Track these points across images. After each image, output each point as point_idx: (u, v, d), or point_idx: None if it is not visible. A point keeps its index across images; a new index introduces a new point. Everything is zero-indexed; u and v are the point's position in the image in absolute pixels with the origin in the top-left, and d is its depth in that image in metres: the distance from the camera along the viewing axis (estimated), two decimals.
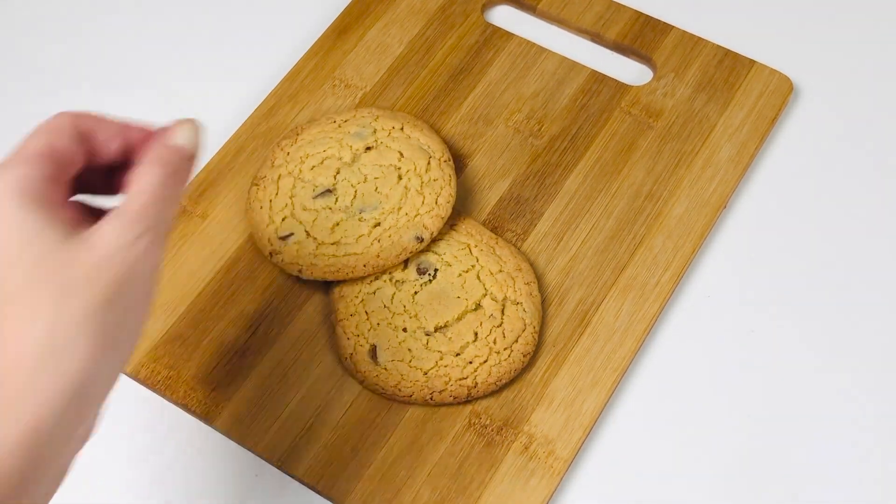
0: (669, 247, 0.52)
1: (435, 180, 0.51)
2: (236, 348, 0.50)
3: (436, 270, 0.50)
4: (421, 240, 0.50)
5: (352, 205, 0.51)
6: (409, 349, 0.48)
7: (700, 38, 0.59)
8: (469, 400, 0.48)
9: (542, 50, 0.59)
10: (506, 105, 0.57)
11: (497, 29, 0.60)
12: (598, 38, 0.60)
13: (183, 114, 0.36)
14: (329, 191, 0.51)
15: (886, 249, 0.53)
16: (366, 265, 0.49)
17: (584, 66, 0.58)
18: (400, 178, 0.51)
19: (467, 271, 0.50)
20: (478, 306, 0.49)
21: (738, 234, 0.54)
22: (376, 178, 0.51)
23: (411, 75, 0.58)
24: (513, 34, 0.60)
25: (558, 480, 0.46)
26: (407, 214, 0.50)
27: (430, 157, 0.52)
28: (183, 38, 0.62)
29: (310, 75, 0.58)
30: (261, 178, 0.53)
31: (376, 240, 0.49)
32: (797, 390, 0.50)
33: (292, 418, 0.48)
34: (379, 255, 0.49)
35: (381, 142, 0.53)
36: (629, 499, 0.47)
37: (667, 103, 0.57)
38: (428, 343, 0.48)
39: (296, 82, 0.58)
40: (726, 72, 0.58)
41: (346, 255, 0.49)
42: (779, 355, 0.50)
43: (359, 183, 0.51)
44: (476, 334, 0.48)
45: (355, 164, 0.52)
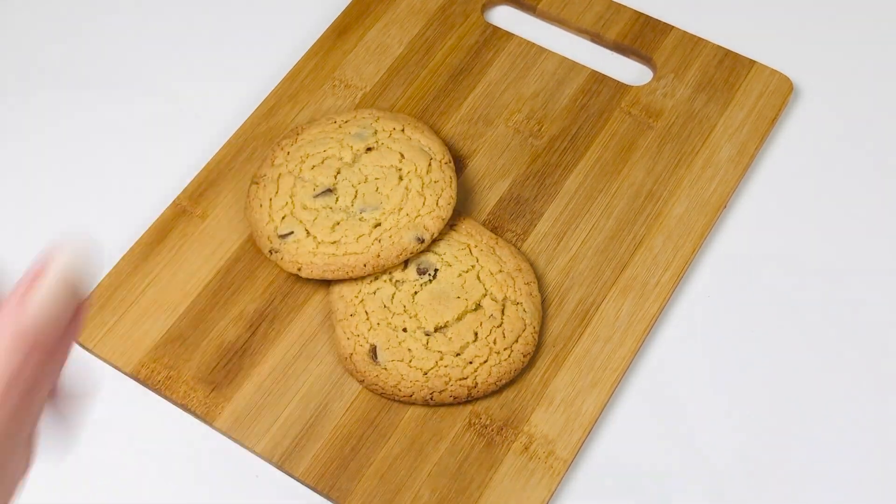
0: (669, 247, 0.52)
1: (436, 182, 0.51)
2: (236, 348, 0.50)
3: (436, 270, 0.50)
4: (421, 241, 0.50)
5: (352, 205, 0.51)
6: (409, 349, 0.48)
7: (700, 39, 0.59)
8: (469, 400, 0.48)
9: (542, 50, 0.59)
10: (506, 105, 0.57)
11: (497, 29, 0.60)
12: (598, 39, 0.60)
13: (183, 114, 0.34)
14: (329, 190, 0.51)
15: (886, 249, 0.53)
16: (366, 265, 0.49)
17: (584, 67, 0.58)
18: (401, 179, 0.51)
19: (467, 271, 0.50)
20: (478, 306, 0.49)
21: (738, 234, 0.54)
22: (377, 178, 0.51)
23: (411, 75, 0.58)
24: (513, 34, 0.60)
25: (558, 480, 0.46)
26: (408, 215, 0.50)
27: (431, 158, 0.52)
28: (183, 38, 0.62)
29: (310, 75, 0.58)
30: (261, 176, 0.53)
31: (377, 240, 0.49)
32: (797, 390, 0.50)
33: (292, 418, 0.48)
34: (379, 256, 0.49)
35: (381, 143, 0.53)
36: (629, 499, 0.47)
37: (667, 103, 0.57)
38: (428, 343, 0.48)
39: (296, 82, 0.58)
40: (726, 72, 0.58)
41: (346, 254, 0.49)
42: (779, 355, 0.50)
43: (359, 183, 0.51)
44: (476, 334, 0.48)
45: (356, 164, 0.52)
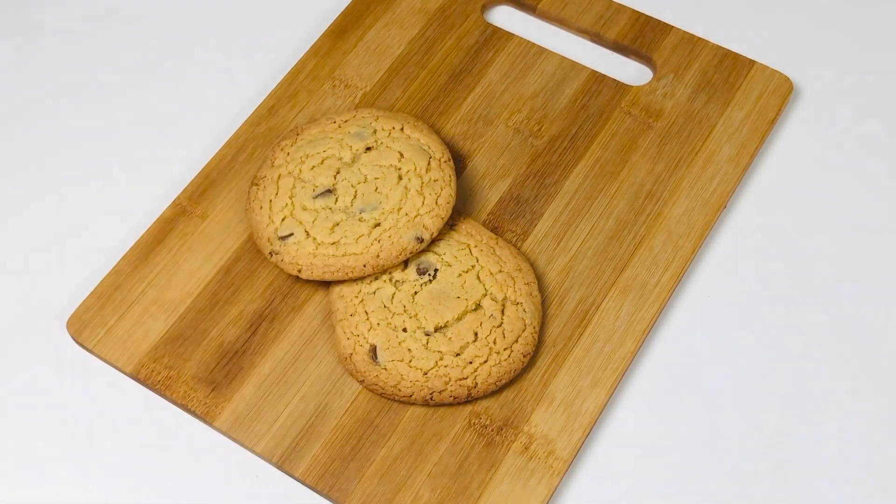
0: (669, 247, 0.52)
1: (435, 181, 0.51)
2: (236, 348, 0.50)
3: (436, 270, 0.50)
4: (421, 240, 0.50)
5: (352, 205, 0.51)
6: (409, 349, 0.48)
7: (700, 39, 0.59)
8: (469, 400, 0.48)
9: (542, 50, 0.59)
10: (506, 105, 0.57)
11: (497, 29, 0.60)
12: (598, 39, 0.60)
13: (183, 114, 0.34)
14: (329, 191, 0.51)
15: (886, 249, 0.53)
16: (365, 265, 0.49)
17: (584, 66, 0.58)
18: (400, 178, 0.51)
19: (467, 271, 0.50)
20: (478, 306, 0.49)
21: (738, 234, 0.54)
22: (376, 178, 0.51)
23: (411, 75, 0.58)
24: (513, 34, 0.60)
25: (558, 480, 0.46)
26: (407, 215, 0.50)
27: (431, 157, 0.52)
28: (183, 38, 0.62)
29: (310, 75, 0.58)
30: (260, 177, 0.53)
31: (376, 240, 0.49)
32: (797, 390, 0.50)
33: (292, 418, 0.48)
34: (379, 256, 0.49)
35: (381, 142, 0.53)
36: (629, 499, 0.47)
37: (667, 103, 0.57)
38: (428, 343, 0.48)
39: (296, 82, 0.58)
40: (726, 72, 0.58)
41: (346, 255, 0.49)
42: (779, 355, 0.50)
43: (359, 183, 0.51)
44: (476, 334, 0.48)
45: (355, 164, 0.52)
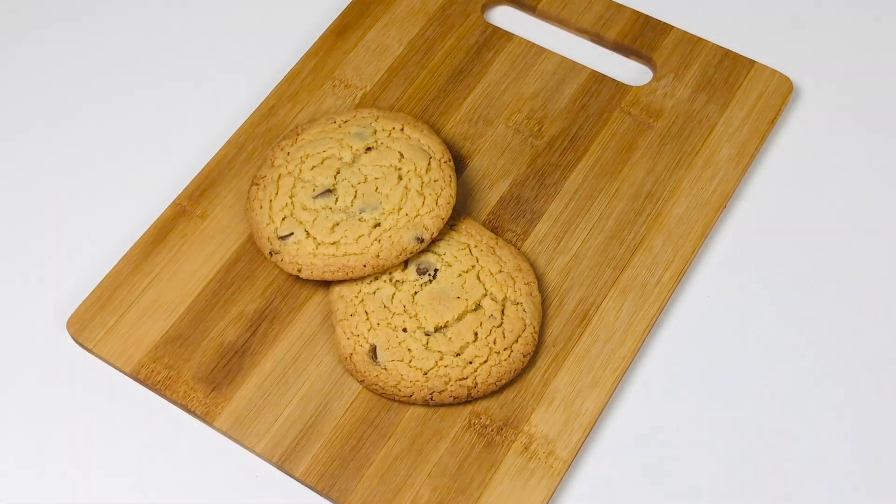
0: (669, 247, 0.52)
1: (435, 181, 0.51)
2: (236, 348, 0.50)
3: (436, 270, 0.50)
4: (421, 240, 0.50)
5: (352, 205, 0.51)
6: (409, 349, 0.48)
7: (700, 38, 0.59)
8: (469, 400, 0.48)
9: (542, 50, 0.59)
10: (506, 105, 0.57)
11: (497, 29, 0.60)
12: (598, 39, 0.60)
13: (183, 114, 0.35)
14: (329, 191, 0.51)
15: (886, 249, 0.53)
16: (366, 265, 0.49)
17: (584, 67, 0.58)
18: (400, 178, 0.51)
19: (467, 271, 0.50)
20: (478, 306, 0.49)
21: (738, 234, 0.54)
22: (376, 178, 0.51)
23: (411, 76, 0.58)
24: (513, 34, 0.60)
25: (558, 480, 0.46)
26: (407, 215, 0.50)
27: (431, 157, 0.52)
28: (183, 38, 0.62)
29: (310, 75, 0.58)
30: (260, 177, 0.53)
31: (376, 240, 0.49)
32: (797, 390, 0.50)
33: (292, 418, 0.48)
34: (379, 256, 0.49)
35: (381, 142, 0.53)
36: (629, 499, 0.47)
37: (667, 103, 0.57)
38: (428, 343, 0.48)
39: (296, 82, 0.58)
40: (726, 72, 0.58)
41: (346, 254, 0.49)
42: (779, 355, 0.50)
43: (359, 183, 0.51)
44: (476, 334, 0.48)
45: (355, 164, 0.52)
